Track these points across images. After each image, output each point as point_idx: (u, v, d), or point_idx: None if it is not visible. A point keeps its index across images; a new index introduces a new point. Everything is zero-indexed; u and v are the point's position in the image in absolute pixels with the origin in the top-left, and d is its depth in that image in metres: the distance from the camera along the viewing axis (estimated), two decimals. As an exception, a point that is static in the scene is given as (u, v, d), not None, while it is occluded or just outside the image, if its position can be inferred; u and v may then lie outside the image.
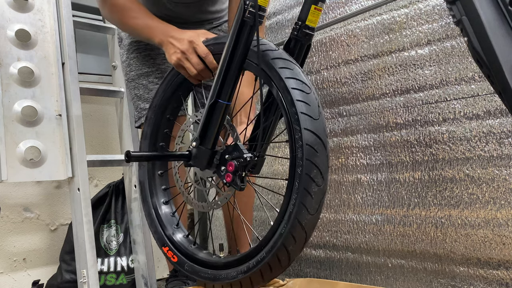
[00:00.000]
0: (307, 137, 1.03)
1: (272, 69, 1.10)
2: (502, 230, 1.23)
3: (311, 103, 1.06)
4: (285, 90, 1.07)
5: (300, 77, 1.08)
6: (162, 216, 1.40)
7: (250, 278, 1.12)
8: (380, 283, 1.51)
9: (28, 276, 1.92)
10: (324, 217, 1.70)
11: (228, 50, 1.12)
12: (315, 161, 1.02)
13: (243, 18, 1.09)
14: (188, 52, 1.27)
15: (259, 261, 1.09)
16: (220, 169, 1.16)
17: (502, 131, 1.23)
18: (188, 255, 1.30)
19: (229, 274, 1.17)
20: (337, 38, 1.66)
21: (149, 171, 1.45)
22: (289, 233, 1.04)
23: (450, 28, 1.34)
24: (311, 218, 1.04)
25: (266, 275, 1.10)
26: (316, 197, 1.03)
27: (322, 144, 1.04)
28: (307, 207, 1.02)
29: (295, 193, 1.03)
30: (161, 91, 1.43)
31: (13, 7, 1.62)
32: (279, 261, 1.07)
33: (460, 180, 1.32)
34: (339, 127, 1.65)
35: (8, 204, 1.89)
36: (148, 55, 1.60)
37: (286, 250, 1.05)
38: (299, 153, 1.03)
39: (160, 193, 1.44)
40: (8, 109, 1.54)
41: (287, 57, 1.12)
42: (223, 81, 1.13)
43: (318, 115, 1.05)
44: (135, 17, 1.42)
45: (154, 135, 1.45)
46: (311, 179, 1.02)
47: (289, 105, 1.06)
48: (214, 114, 1.16)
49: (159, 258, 2.11)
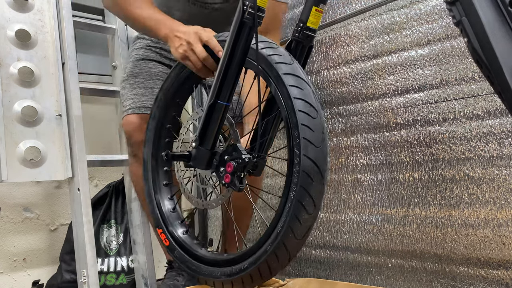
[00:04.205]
0: (305, 164, 1.01)
1: (281, 83, 1.08)
2: (502, 230, 1.23)
3: (315, 129, 1.03)
4: (291, 111, 1.05)
5: (310, 99, 1.06)
6: (165, 213, 1.41)
7: (232, 282, 1.15)
8: (380, 283, 1.51)
9: (28, 276, 1.92)
10: (324, 217, 1.70)
11: (227, 51, 1.11)
12: (309, 190, 1.02)
13: (242, 19, 1.09)
14: (194, 42, 1.25)
15: (241, 269, 1.12)
16: (219, 169, 1.16)
17: (502, 131, 1.23)
18: (180, 244, 1.33)
19: (213, 272, 1.20)
20: (337, 38, 1.66)
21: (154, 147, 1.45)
22: (273, 252, 1.05)
23: (450, 28, 1.34)
24: (297, 242, 1.05)
25: (246, 283, 1.13)
26: (304, 224, 1.03)
27: (320, 173, 1.02)
28: (294, 232, 1.03)
29: (285, 215, 1.04)
30: (173, 74, 1.42)
31: (13, 7, 1.62)
32: (260, 274, 1.09)
33: (460, 180, 1.32)
34: (339, 127, 1.65)
35: (8, 204, 1.89)
36: (141, 59, 1.61)
37: (268, 266, 1.08)
38: (294, 178, 1.02)
39: (162, 175, 1.45)
40: (8, 109, 1.54)
41: (300, 74, 1.09)
42: (222, 82, 1.13)
43: (320, 142, 1.03)
44: (140, 7, 1.40)
45: (162, 117, 1.44)
46: (303, 206, 1.02)
47: (293, 127, 1.04)
48: (213, 115, 1.16)
49: (159, 258, 2.11)
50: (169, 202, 1.42)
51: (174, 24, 1.32)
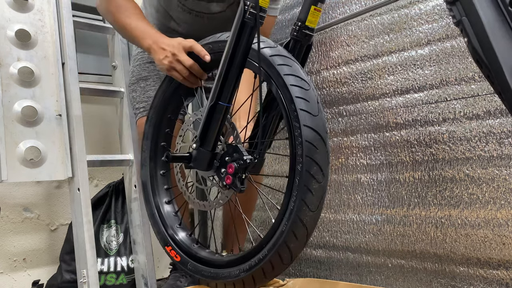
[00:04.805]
0: (306, 134, 1.02)
1: (271, 66, 1.09)
2: (502, 230, 1.23)
3: (310, 100, 1.05)
4: (284, 87, 1.06)
5: (299, 74, 1.08)
6: (164, 215, 1.40)
7: (252, 276, 1.12)
8: (380, 283, 1.51)
9: (28, 276, 1.92)
10: (324, 217, 1.70)
11: (229, 52, 1.11)
12: (315, 158, 1.02)
13: (243, 19, 1.08)
14: (178, 51, 1.27)
15: (261, 259, 1.09)
16: (220, 171, 1.16)
17: (502, 131, 1.23)
18: (191, 254, 1.30)
19: (231, 272, 1.17)
20: (337, 38, 1.66)
21: (151, 170, 1.45)
22: (290, 230, 1.04)
23: (450, 28, 1.34)
24: (312, 215, 1.04)
25: (268, 273, 1.10)
26: (316, 194, 1.03)
27: (322, 141, 1.04)
28: (308, 204, 1.02)
29: (295, 190, 1.03)
30: (160, 92, 1.43)
31: (13, 7, 1.62)
32: (281, 259, 1.07)
33: (460, 180, 1.32)
34: (339, 127, 1.65)
35: (8, 204, 1.89)
36: (149, 62, 1.62)
37: (288, 248, 1.05)
38: (299, 150, 1.03)
39: (162, 192, 1.44)
40: (8, 109, 1.54)
41: (285, 54, 1.11)
42: (223, 83, 1.13)
43: (317, 111, 1.05)
44: (129, 16, 1.43)
45: (156, 135, 1.45)
46: (312, 175, 1.02)
47: (288, 102, 1.05)
48: (214, 116, 1.15)
49: (159, 258, 2.11)
50: (174, 218, 1.41)
51: (158, 36, 1.35)
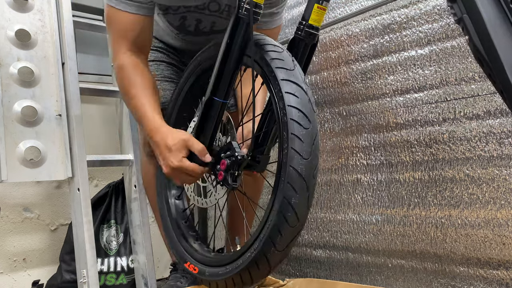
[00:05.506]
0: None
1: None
2: (502, 230, 1.23)
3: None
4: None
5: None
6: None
7: None
8: (380, 283, 1.51)
9: (28, 276, 1.91)
10: (324, 217, 1.70)
11: (224, 48, 1.10)
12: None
13: (238, 15, 1.08)
14: (180, 170, 1.16)
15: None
16: (216, 167, 1.16)
17: (502, 131, 1.23)
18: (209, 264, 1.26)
19: None
20: (337, 38, 1.66)
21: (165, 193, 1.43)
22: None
23: (450, 28, 1.34)
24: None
25: None
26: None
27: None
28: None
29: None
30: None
31: (13, 7, 1.62)
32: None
33: (460, 180, 1.32)
34: (339, 127, 1.65)
35: (8, 204, 1.89)
36: (152, 61, 1.54)
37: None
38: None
39: None
40: (8, 109, 1.54)
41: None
42: (218, 79, 1.12)
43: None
44: (135, 95, 1.27)
45: None
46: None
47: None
48: (210, 112, 1.15)
49: (159, 258, 2.11)
50: (192, 236, 1.37)
51: (164, 133, 1.20)
